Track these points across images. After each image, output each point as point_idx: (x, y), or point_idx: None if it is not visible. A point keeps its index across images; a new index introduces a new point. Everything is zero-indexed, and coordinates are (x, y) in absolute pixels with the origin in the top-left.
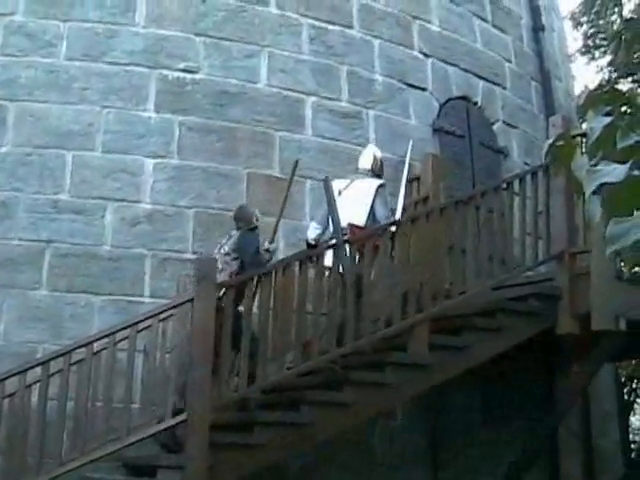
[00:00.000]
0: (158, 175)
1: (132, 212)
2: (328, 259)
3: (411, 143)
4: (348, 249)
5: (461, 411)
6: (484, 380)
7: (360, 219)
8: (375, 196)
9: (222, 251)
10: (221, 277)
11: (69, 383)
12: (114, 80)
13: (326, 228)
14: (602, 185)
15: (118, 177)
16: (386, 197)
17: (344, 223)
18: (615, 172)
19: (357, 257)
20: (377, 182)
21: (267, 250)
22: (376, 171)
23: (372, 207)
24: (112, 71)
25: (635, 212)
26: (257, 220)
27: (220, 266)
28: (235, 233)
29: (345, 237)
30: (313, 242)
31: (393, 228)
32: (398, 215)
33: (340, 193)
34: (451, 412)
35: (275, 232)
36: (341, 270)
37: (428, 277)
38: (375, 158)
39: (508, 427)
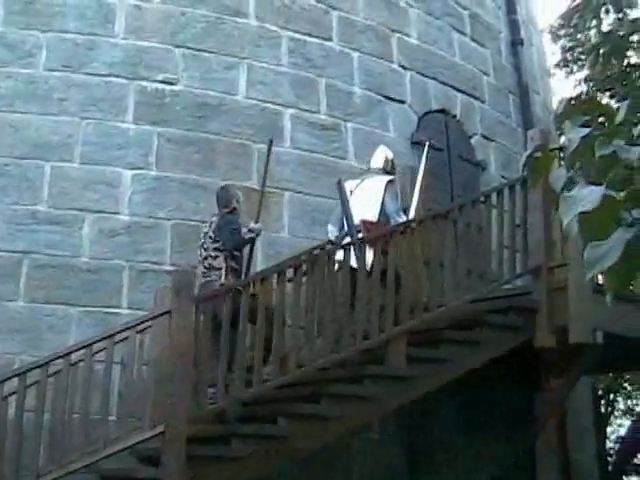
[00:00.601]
0: (136, 187)
1: (110, 223)
2: (341, 255)
3: (427, 147)
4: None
5: (439, 425)
6: (462, 394)
7: (372, 214)
8: (385, 191)
9: (208, 239)
10: (208, 285)
11: (46, 395)
12: (93, 91)
13: (342, 228)
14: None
15: (96, 188)
16: (396, 191)
17: (357, 220)
18: (590, 197)
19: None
20: (386, 178)
21: (250, 230)
22: (387, 170)
23: (383, 202)
24: (91, 82)
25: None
26: (238, 202)
27: (204, 272)
28: (215, 219)
29: (359, 234)
30: (336, 241)
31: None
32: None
33: (352, 193)
34: (429, 427)
35: (259, 212)
36: (355, 265)
37: (406, 290)
38: (387, 158)
39: (486, 441)
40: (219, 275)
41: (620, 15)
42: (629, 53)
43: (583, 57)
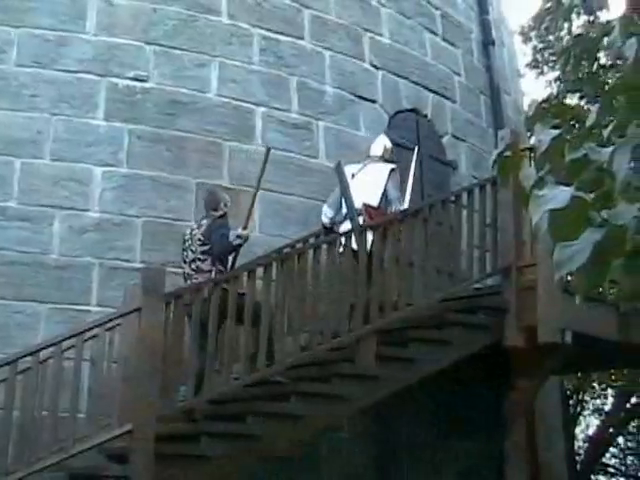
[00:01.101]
0: (107, 184)
1: (80, 221)
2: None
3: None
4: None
5: (408, 425)
6: (431, 394)
7: (374, 200)
8: (388, 178)
9: (197, 242)
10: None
11: (15, 392)
12: (64, 88)
13: (339, 210)
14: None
15: (67, 185)
16: (398, 180)
17: (358, 204)
18: (559, 197)
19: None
20: (389, 166)
21: (239, 236)
22: (386, 158)
23: (385, 189)
24: (62, 79)
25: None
26: (226, 206)
27: (190, 274)
28: (204, 222)
29: (360, 217)
30: (328, 225)
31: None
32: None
33: (354, 176)
34: (398, 426)
35: (248, 218)
36: (356, 248)
37: (376, 289)
38: (386, 147)
39: (455, 441)
40: (206, 278)
41: (591, 17)
42: (599, 55)
43: (554, 58)
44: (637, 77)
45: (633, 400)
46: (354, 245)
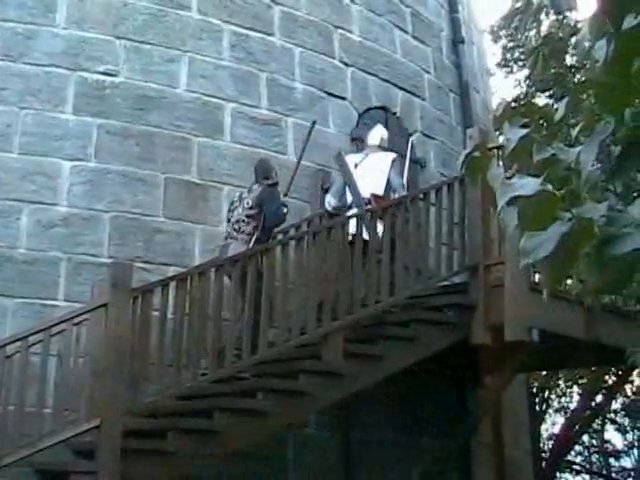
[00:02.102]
0: (75, 178)
1: (48, 215)
2: (352, 227)
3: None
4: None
5: (375, 421)
6: (398, 391)
7: (379, 189)
8: (391, 167)
9: (245, 204)
10: (232, 246)
11: None
12: (33, 81)
13: (342, 198)
14: (515, 198)
15: (35, 179)
16: (399, 168)
17: (366, 193)
18: (527, 186)
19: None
20: (392, 155)
21: (285, 205)
22: (384, 147)
23: (389, 177)
24: (31, 72)
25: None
26: (276, 175)
27: (230, 232)
28: (256, 187)
29: (368, 206)
30: (334, 211)
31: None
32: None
33: (356, 166)
34: (365, 422)
35: (290, 186)
36: (365, 236)
37: (343, 286)
38: (382, 138)
39: (422, 437)
40: (246, 240)
41: (560, 17)
42: (567, 55)
43: (523, 57)
44: (607, 78)
45: (598, 399)
46: (352, 231)
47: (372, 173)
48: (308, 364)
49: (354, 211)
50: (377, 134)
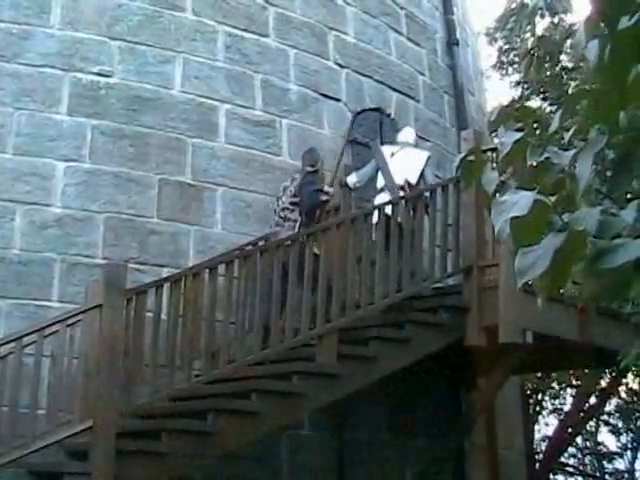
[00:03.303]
0: (69, 179)
1: (42, 216)
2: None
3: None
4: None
5: (369, 422)
6: (392, 392)
7: (413, 178)
8: (426, 163)
9: (288, 193)
10: (280, 233)
11: None
12: (27, 82)
13: (368, 183)
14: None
15: (29, 180)
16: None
17: (400, 180)
18: (521, 203)
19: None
20: (427, 153)
21: (326, 193)
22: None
23: (423, 171)
24: (25, 72)
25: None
26: (322, 164)
27: (277, 220)
28: (298, 176)
29: (401, 193)
30: (352, 186)
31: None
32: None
33: (393, 155)
34: (359, 424)
35: (334, 176)
36: (399, 220)
37: (337, 287)
38: (414, 137)
39: (415, 440)
40: (292, 227)
41: (555, 19)
42: (562, 57)
43: (518, 60)
44: (598, 80)
45: (592, 400)
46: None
47: (406, 164)
48: (302, 365)
49: (383, 196)
50: (410, 133)
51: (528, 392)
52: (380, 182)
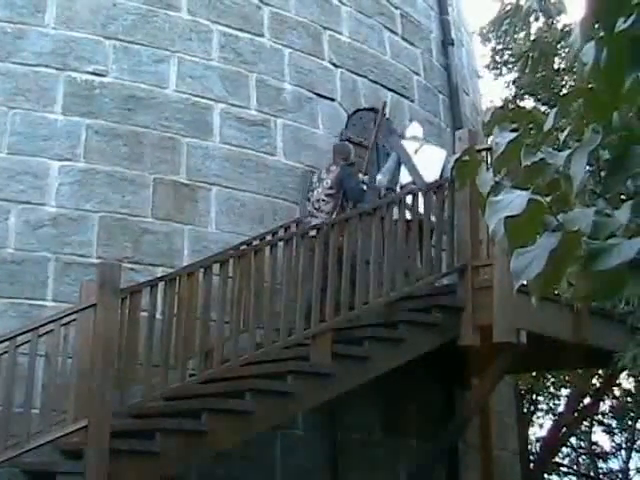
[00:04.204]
0: (63, 178)
1: (36, 215)
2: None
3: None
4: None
5: (363, 422)
6: (386, 392)
7: (435, 175)
8: (445, 161)
9: (325, 185)
10: (313, 224)
11: None
12: (21, 81)
13: (394, 177)
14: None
15: (23, 179)
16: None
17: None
18: (516, 202)
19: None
20: (444, 152)
21: (364, 182)
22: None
23: (443, 169)
24: (20, 72)
25: (537, 239)
26: (355, 157)
27: (311, 211)
28: (334, 168)
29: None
30: (382, 186)
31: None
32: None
33: (416, 152)
34: (353, 423)
35: (367, 165)
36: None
37: (331, 287)
38: (421, 131)
39: (408, 439)
40: (326, 218)
41: (549, 21)
42: (556, 59)
43: (512, 60)
44: (594, 81)
45: (586, 400)
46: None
47: (428, 161)
48: (296, 365)
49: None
50: (418, 129)
51: (522, 392)
52: (404, 178)
